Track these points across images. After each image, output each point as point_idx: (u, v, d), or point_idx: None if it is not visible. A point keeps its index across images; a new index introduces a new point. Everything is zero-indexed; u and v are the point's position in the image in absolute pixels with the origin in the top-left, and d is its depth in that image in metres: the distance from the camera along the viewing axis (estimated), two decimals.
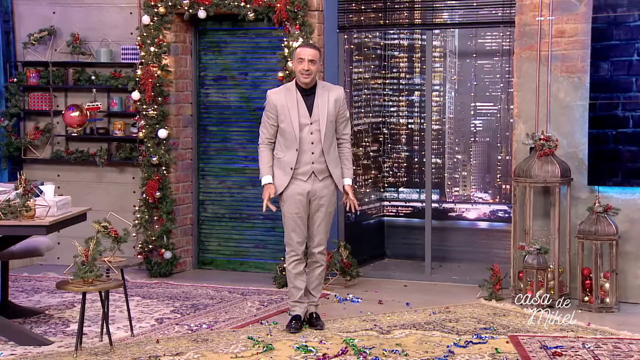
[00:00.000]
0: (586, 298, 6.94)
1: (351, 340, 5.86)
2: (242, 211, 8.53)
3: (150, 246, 8.18)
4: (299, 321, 6.24)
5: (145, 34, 8.15)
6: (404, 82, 9.13)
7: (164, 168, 8.20)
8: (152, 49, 8.12)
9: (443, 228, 8.85)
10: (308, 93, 6.22)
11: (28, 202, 5.91)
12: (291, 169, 6.18)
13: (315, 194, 6.23)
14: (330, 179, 6.26)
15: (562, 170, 7.05)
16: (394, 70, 9.10)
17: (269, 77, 8.31)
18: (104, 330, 5.89)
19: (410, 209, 9.19)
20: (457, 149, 9.07)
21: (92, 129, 8.66)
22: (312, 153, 6.19)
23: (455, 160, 9.05)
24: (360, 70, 8.80)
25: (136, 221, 8.17)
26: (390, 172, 9.19)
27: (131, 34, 8.51)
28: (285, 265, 6.40)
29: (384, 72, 9.06)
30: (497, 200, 8.89)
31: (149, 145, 8.18)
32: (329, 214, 6.33)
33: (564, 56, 7.24)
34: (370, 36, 8.83)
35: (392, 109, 9.15)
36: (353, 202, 6.35)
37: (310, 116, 6.18)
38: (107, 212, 6.21)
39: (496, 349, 5.71)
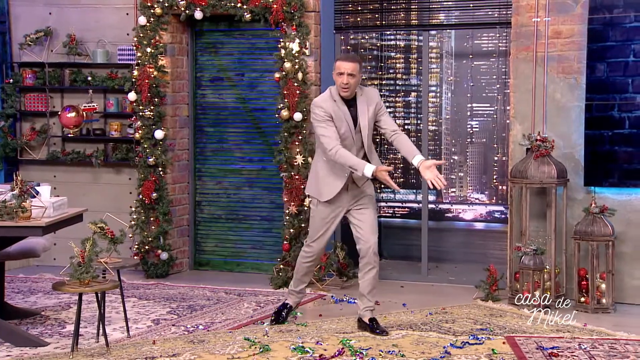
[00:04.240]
0: (582, 299, 6.95)
1: (348, 341, 5.86)
2: (238, 212, 8.52)
3: (147, 247, 8.17)
4: (289, 311, 6.47)
5: (141, 35, 8.14)
6: (400, 83, 9.13)
7: (160, 169, 8.20)
8: (148, 49, 8.11)
9: (439, 229, 8.84)
10: (350, 105, 6.10)
11: (24, 203, 5.90)
12: (345, 174, 6.06)
13: (355, 196, 6.15)
14: (369, 181, 6.18)
15: (558, 171, 7.06)
16: (391, 71, 9.10)
17: (265, 78, 8.31)
18: (100, 331, 5.88)
19: (406, 209, 9.19)
20: (453, 149, 9.06)
21: (88, 129, 8.65)
22: None
23: (451, 161, 9.05)
24: None
25: (132, 222, 8.17)
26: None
27: (127, 34, 8.50)
28: (299, 259, 6.34)
29: (380, 73, 9.06)
30: (493, 201, 8.89)
31: (145, 146, 8.18)
32: (374, 212, 6.20)
33: (560, 57, 7.25)
34: (366, 37, 8.83)
35: (388, 109, 9.13)
36: (439, 179, 5.89)
37: (355, 127, 6.09)
38: (103, 213, 6.21)
39: (492, 349, 5.71)
